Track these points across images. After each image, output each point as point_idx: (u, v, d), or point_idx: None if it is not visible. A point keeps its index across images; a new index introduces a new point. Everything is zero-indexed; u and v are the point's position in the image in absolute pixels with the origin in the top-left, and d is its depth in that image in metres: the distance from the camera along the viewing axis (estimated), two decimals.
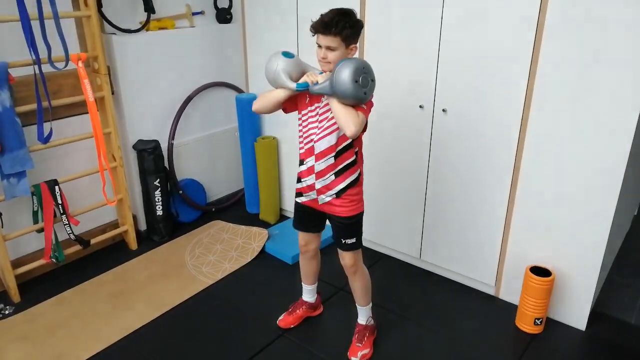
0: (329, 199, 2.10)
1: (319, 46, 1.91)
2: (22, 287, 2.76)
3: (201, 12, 3.43)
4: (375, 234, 3.09)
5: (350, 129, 1.83)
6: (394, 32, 2.63)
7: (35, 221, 2.78)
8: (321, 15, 1.89)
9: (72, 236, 2.89)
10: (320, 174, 2.07)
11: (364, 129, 1.98)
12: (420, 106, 2.64)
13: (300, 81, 1.94)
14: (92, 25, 2.72)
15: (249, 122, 3.46)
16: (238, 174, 3.84)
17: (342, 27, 1.83)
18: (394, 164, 2.87)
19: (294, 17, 3.05)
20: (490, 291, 2.76)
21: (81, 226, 3.02)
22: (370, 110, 1.96)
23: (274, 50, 3.25)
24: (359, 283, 2.27)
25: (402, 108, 2.72)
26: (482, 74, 2.39)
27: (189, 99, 3.40)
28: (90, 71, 2.85)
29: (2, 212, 2.64)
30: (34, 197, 2.71)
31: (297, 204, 2.26)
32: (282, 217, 3.65)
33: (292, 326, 2.49)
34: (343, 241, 2.17)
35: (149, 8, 3.05)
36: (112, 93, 2.95)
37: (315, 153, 2.05)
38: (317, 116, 2.02)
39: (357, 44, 1.94)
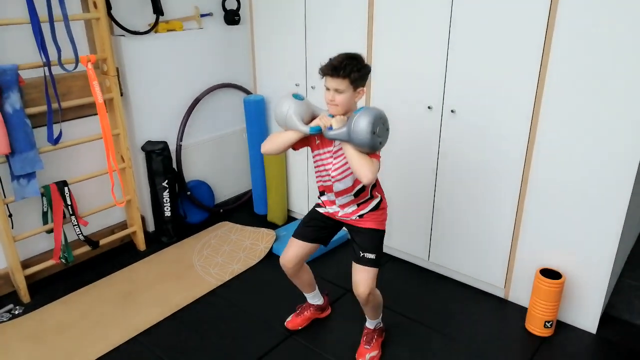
0: (353, 218, 2.12)
1: (327, 89, 1.93)
2: (31, 288, 2.78)
3: (209, 14, 3.44)
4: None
5: (367, 177, 1.85)
6: (402, 32, 2.63)
7: (45, 222, 2.80)
8: (330, 59, 1.92)
9: (81, 237, 2.91)
10: (342, 206, 2.12)
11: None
12: (429, 107, 2.63)
13: (313, 124, 1.95)
14: (101, 27, 2.73)
15: (257, 124, 3.46)
16: (246, 175, 3.84)
17: (350, 70, 1.86)
18: (403, 165, 2.85)
19: (302, 18, 3.06)
20: (500, 293, 2.73)
21: (90, 227, 3.04)
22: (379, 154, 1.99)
23: (281, 51, 3.28)
24: (370, 307, 2.21)
25: (410, 109, 2.71)
26: (491, 75, 2.37)
27: (197, 101, 3.41)
28: (100, 73, 2.86)
29: (12, 213, 2.66)
30: (44, 198, 2.73)
31: (315, 212, 2.24)
32: (290, 219, 3.65)
33: (299, 328, 2.48)
34: (362, 254, 2.08)
35: (157, 10, 3.07)
36: (121, 95, 2.97)
37: (334, 191, 2.08)
38: (331, 159, 2.04)
39: (365, 88, 1.96)
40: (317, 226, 2.23)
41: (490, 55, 2.35)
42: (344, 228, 2.23)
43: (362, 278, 2.07)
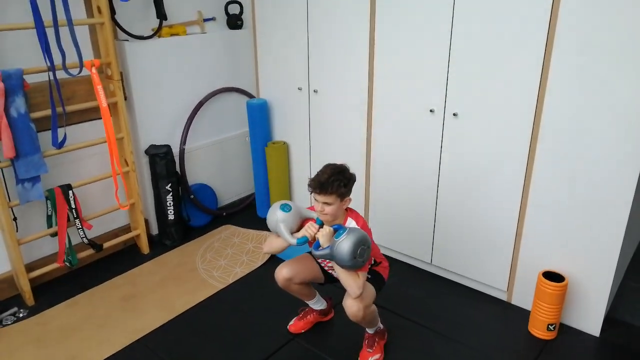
0: None
1: (316, 200, 2.05)
2: (35, 291, 2.79)
3: (212, 19, 3.46)
4: (386, 239, 3.08)
5: (354, 293, 1.99)
6: (403, 35, 2.64)
7: (49, 225, 2.81)
8: (317, 174, 2.05)
9: (85, 240, 2.92)
10: None
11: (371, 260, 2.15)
12: (431, 110, 2.63)
13: (299, 235, 2.09)
14: (105, 32, 2.75)
15: (260, 127, 3.48)
16: (249, 178, 3.85)
17: (337, 186, 2.00)
18: (405, 168, 2.86)
19: (304, 22, 3.07)
20: (502, 296, 2.73)
21: (94, 230, 3.05)
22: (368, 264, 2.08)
23: (284, 55, 3.30)
24: (365, 322, 2.20)
25: (412, 112, 2.71)
26: (493, 78, 2.38)
27: (200, 104, 3.43)
28: (104, 77, 2.88)
29: (16, 217, 2.67)
30: (48, 201, 2.74)
31: None
32: None
33: (302, 331, 2.48)
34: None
35: (161, 15, 3.09)
36: (125, 99, 2.99)
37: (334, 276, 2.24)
38: None
39: (351, 196, 2.10)
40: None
41: (492, 59, 2.35)
42: None
43: (352, 301, 2.04)
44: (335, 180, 2.00)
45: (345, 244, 1.89)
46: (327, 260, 2.13)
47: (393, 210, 2.99)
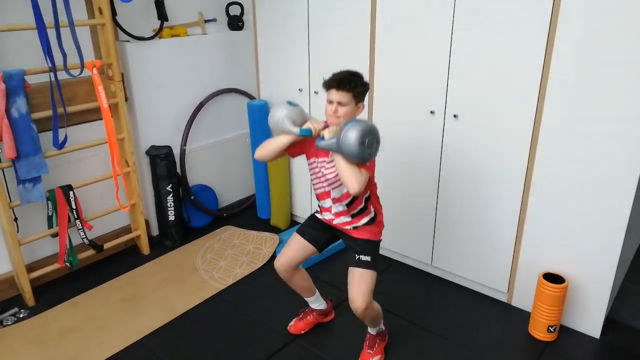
0: (347, 227, 2.15)
1: (330, 102, 1.99)
2: (36, 291, 2.79)
3: (213, 20, 3.47)
4: (387, 240, 3.04)
5: (353, 188, 1.87)
6: (404, 36, 2.64)
7: (50, 226, 2.82)
8: (333, 74, 2.00)
9: (85, 241, 2.92)
10: (337, 215, 2.14)
11: (370, 181, 2.06)
12: (432, 112, 2.64)
13: (304, 127, 1.98)
14: (106, 33, 2.76)
15: (261, 128, 3.48)
16: (249, 179, 3.86)
17: (355, 84, 1.95)
18: (405, 169, 2.86)
19: (305, 23, 3.07)
20: (503, 298, 2.73)
21: (95, 231, 3.05)
22: (372, 167, 2.02)
23: (285, 56, 3.30)
24: (369, 320, 2.19)
25: (413, 113, 2.72)
26: (494, 79, 2.38)
27: (201, 105, 3.43)
28: (105, 78, 2.89)
29: (17, 217, 2.68)
30: (49, 202, 2.75)
31: (314, 217, 2.28)
32: (293, 223, 3.66)
33: (302, 332, 2.48)
34: (357, 257, 2.10)
35: (162, 16, 3.10)
36: (126, 100, 2.99)
37: (331, 197, 2.12)
38: (326, 163, 2.08)
39: (365, 104, 2.03)
40: (316, 228, 2.26)
41: (493, 60, 2.36)
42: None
43: (359, 289, 2.05)
44: (352, 79, 1.95)
45: (354, 129, 1.82)
46: (328, 163, 2.05)
47: (393, 211, 2.98)
